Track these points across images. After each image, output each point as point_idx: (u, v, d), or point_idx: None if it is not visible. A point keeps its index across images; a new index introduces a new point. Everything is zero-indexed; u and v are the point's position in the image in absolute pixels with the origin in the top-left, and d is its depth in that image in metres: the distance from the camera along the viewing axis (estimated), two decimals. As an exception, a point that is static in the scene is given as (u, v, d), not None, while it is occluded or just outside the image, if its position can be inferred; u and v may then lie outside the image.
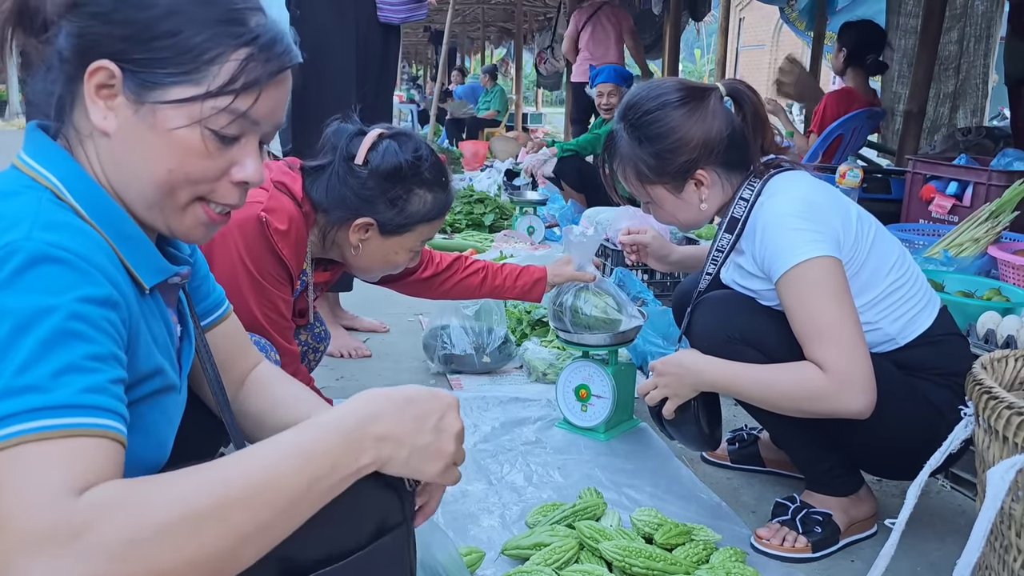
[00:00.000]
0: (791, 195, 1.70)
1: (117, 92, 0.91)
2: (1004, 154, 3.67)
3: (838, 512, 1.83)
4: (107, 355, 0.81)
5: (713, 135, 1.76)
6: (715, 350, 1.76)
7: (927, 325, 1.75)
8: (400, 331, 3.35)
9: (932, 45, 4.44)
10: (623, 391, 2.35)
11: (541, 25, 14.49)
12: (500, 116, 11.56)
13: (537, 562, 1.64)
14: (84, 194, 0.92)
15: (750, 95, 1.81)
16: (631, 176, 1.85)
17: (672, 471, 2.17)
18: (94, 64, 0.90)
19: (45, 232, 0.81)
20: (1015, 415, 1.17)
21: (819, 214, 1.66)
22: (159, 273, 0.99)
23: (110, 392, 0.79)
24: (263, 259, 1.78)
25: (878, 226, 1.79)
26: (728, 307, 1.80)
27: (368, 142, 1.81)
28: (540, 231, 5.14)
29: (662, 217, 1.90)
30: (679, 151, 1.76)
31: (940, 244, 3.06)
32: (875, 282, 1.72)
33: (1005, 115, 8.01)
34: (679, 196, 1.82)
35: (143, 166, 0.94)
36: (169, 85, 0.91)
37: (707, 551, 1.71)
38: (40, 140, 0.94)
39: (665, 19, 8.40)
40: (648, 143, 1.78)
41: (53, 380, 0.75)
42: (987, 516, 1.13)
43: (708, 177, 1.79)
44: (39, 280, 0.78)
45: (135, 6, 0.90)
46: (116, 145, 0.93)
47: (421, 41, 20.76)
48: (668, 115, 1.76)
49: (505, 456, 2.22)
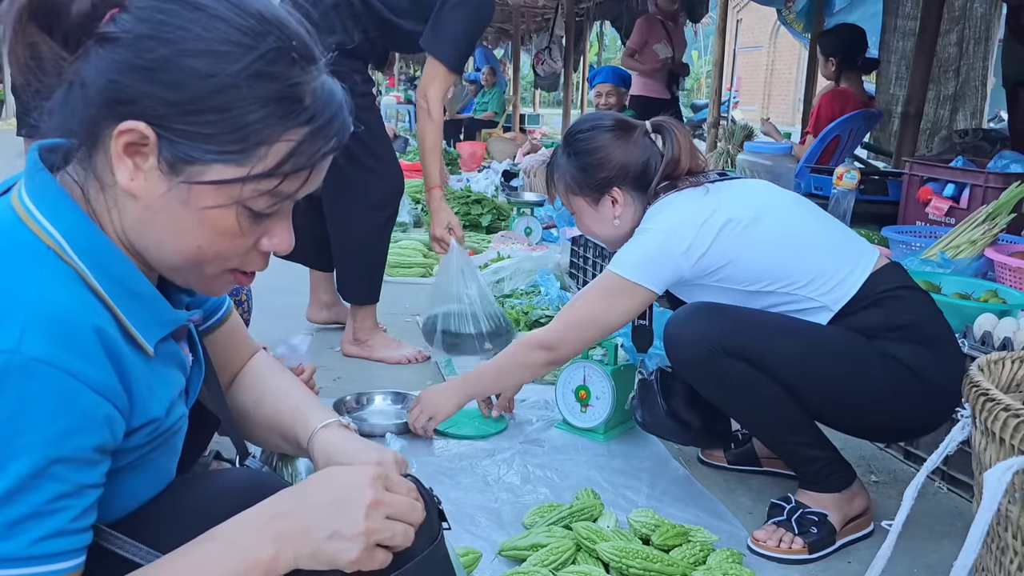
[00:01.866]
0: (653, 223, 1.92)
1: (149, 155, 0.84)
2: (1001, 156, 3.68)
3: (833, 511, 1.83)
4: (77, 489, 0.79)
5: (631, 160, 2.00)
6: (697, 364, 1.83)
7: (857, 286, 1.80)
8: (398, 331, 3.34)
9: (930, 47, 4.45)
10: (622, 392, 2.35)
11: (539, 26, 14.49)
12: (498, 117, 11.55)
13: (534, 563, 1.64)
14: (90, 252, 0.85)
15: (673, 130, 2.02)
16: (560, 187, 2.09)
17: (669, 472, 2.17)
18: (127, 124, 0.82)
19: (37, 338, 0.76)
20: (1012, 417, 1.17)
21: (659, 251, 1.87)
22: (167, 326, 0.94)
23: (69, 531, 0.78)
24: None
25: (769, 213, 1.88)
26: (702, 320, 1.84)
27: None
28: (537, 232, 5.14)
29: (583, 228, 2.13)
30: (599, 167, 2.00)
31: (937, 246, 3.07)
32: (771, 264, 1.83)
33: (1002, 117, 8.04)
34: (596, 209, 2.05)
35: (170, 238, 0.88)
36: (210, 162, 0.84)
37: (704, 552, 1.71)
38: (44, 183, 0.86)
39: (663, 20, 8.39)
40: (576, 157, 2.04)
41: (9, 529, 0.74)
42: (984, 518, 1.14)
43: (623, 197, 2.01)
44: (20, 409, 0.74)
45: (189, 72, 0.81)
46: (141, 209, 0.86)
47: (419, 41, 20.71)
48: (597, 136, 2.02)
49: (502, 456, 2.22)
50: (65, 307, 0.80)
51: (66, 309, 0.80)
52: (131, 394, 0.85)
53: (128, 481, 0.91)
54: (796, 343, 1.77)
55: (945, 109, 6.29)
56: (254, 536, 0.85)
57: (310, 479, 0.93)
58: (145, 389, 0.88)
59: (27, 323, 0.76)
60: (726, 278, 1.86)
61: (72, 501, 0.78)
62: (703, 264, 1.85)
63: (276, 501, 0.89)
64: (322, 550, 0.85)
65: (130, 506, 0.93)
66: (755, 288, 1.85)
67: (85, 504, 0.80)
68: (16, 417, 0.75)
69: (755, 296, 1.85)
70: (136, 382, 0.86)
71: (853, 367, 1.76)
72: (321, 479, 0.93)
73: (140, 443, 0.89)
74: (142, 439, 0.90)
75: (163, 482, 0.98)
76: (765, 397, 1.78)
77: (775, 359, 1.76)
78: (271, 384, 1.23)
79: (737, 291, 1.86)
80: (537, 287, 3.66)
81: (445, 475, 2.11)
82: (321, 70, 0.90)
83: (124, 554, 0.88)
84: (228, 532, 0.86)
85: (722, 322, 1.80)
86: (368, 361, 2.98)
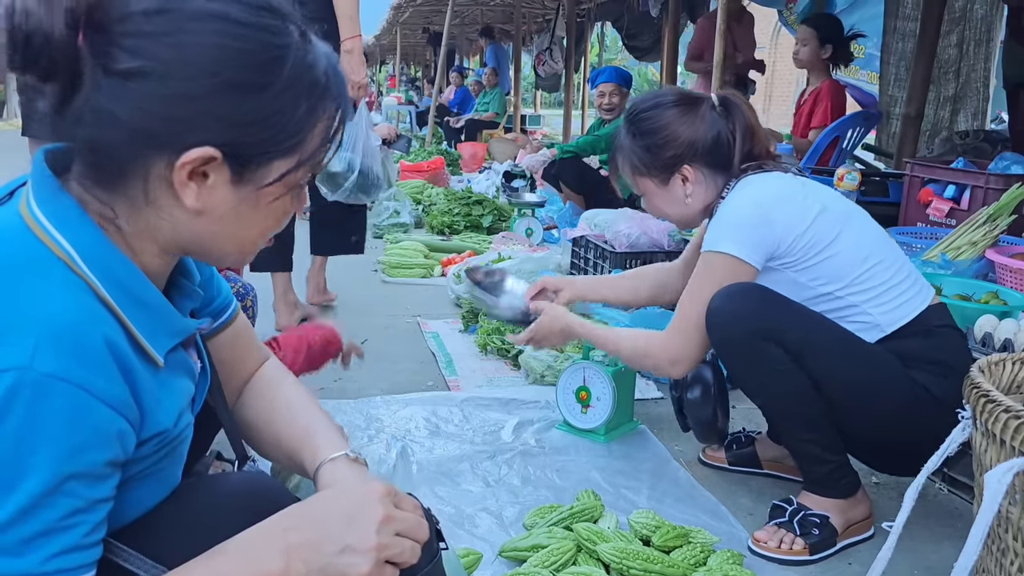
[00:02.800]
0: (746, 194, 1.87)
1: (212, 173, 0.85)
2: (1002, 157, 3.67)
3: (835, 514, 1.83)
4: (90, 505, 0.79)
5: (699, 136, 1.93)
6: (737, 342, 1.79)
7: (915, 314, 1.80)
8: (398, 332, 3.35)
9: (930, 48, 4.45)
10: (623, 393, 2.35)
11: (539, 27, 14.49)
12: (499, 118, 11.55)
13: (535, 564, 1.64)
14: (99, 263, 0.84)
15: (740, 105, 1.96)
16: (626, 168, 2.02)
17: (670, 473, 2.17)
18: (192, 154, 0.82)
19: (50, 353, 0.76)
20: (1012, 419, 1.17)
21: (759, 217, 1.80)
22: (176, 335, 0.94)
23: (82, 547, 0.78)
24: None
25: (856, 219, 1.87)
26: (750, 300, 1.80)
27: None
28: (538, 233, 5.15)
29: (653, 210, 2.07)
30: (667, 146, 1.93)
31: (938, 247, 3.07)
32: (849, 268, 1.80)
33: (1003, 118, 8.03)
34: (665, 189, 1.98)
35: (236, 234, 0.91)
36: (271, 161, 0.87)
37: (704, 553, 1.71)
38: (53, 192, 0.85)
39: (663, 21, 8.41)
40: (641, 137, 1.96)
41: (23, 545, 0.74)
42: (984, 519, 1.14)
43: (693, 174, 1.94)
44: (33, 426, 0.74)
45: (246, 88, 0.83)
46: (207, 222, 0.88)
47: (420, 42, 20.78)
48: (661, 114, 1.95)
49: (503, 457, 2.22)
50: (77, 320, 0.79)
51: (78, 322, 0.79)
52: (141, 406, 0.85)
53: (136, 491, 0.91)
54: (837, 346, 1.76)
55: (945, 110, 6.29)
56: (264, 549, 0.85)
57: (320, 494, 0.93)
58: (153, 401, 0.88)
59: (40, 338, 0.76)
60: (805, 270, 1.81)
61: (85, 516, 0.78)
62: (794, 247, 1.79)
63: (287, 515, 0.89)
64: (333, 564, 0.85)
65: (137, 514, 0.93)
66: (824, 289, 1.80)
67: (97, 519, 0.80)
68: (29, 434, 0.74)
69: (816, 299, 1.81)
70: (146, 394, 0.86)
71: (885, 385, 1.75)
72: (332, 494, 0.93)
73: (149, 453, 0.89)
74: (151, 449, 0.89)
75: (169, 489, 0.98)
76: (794, 389, 1.76)
77: (813, 355, 1.75)
78: (281, 397, 1.19)
79: (802, 286, 1.81)
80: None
81: (446, 476, 2.11)
82: (314, 44, 0.91)
83: (131, 568, 0.88)
84: (238, 545, 0.86)
85: (771, 306, 1.78)
86: (369, 364, 2.98)
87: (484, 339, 3.14)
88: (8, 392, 0.74)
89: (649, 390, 2.76)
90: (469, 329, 3.36)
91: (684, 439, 2.41)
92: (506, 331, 3.03)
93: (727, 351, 1.85)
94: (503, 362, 3.04)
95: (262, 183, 0.88)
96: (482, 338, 3.15)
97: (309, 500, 0.92)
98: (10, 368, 0.74)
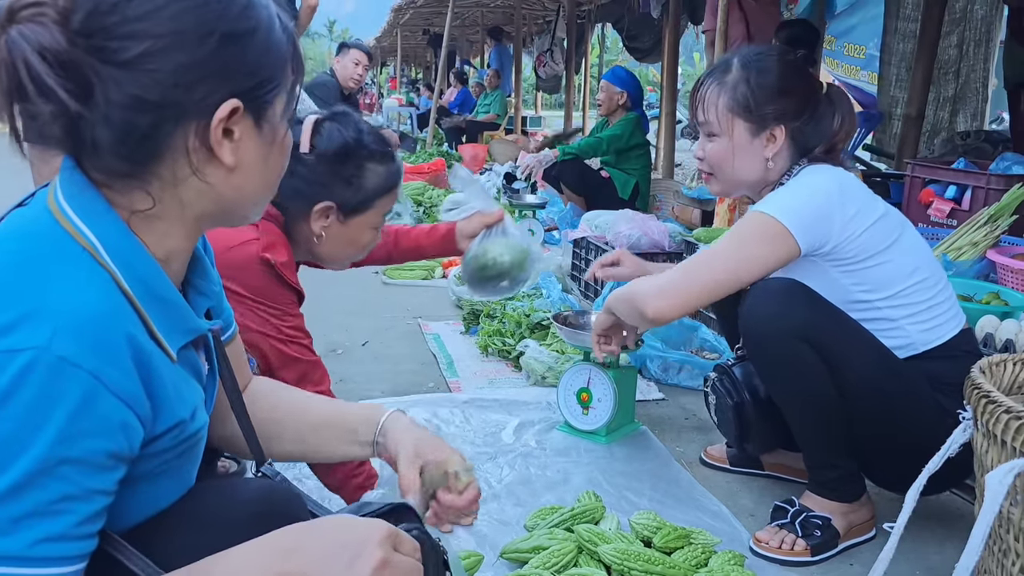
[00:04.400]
0: (816, 180, 1.81)
1: (235, 126, 0.89)
2: (1003, 158, 3.67)
3: (837, 516, 1.83)
4: (84, 493, 0.78)
5: (807, 103, 1.87)
6: (771, 338, 1.76)
7: (948, 337, 1.79)
8: (399, 334, 3.36)
9: (930, 49, 4.45)
10: (624, 395, 2.35)
11: (540, 28, 14.50)
12: (499, 119, 11.55)
13: (536, 565, 1.64)
14: (122, 256, 0.86)
15: (847, 99, 1.92)
16: (723, 101, 1.88)
17: (671, 475, 2.17)
18: (224, 109, 0.87)
19: (68, 339, 0.77)
20: (1013, 419, 1.17)
21: (824, 205, 1.74)
22: (189, 333, 0.96)
23: (72, 536, 0.78)
24: (276, 295, 1.77)
25: (910, 234, 1.84)
26: (793, 299, 1.77)
27: (308, 129, 1.79)
28: (539, 234, 5.14)
29: (719, 156, 1.91)
30: (782, 96, 1.85)
31: (939, 248, 3.07)
32: (895, 280, 1.78)
33: (1004, 119, 8.03)
34: (750, 141, 1.87)
35: (262, 182, 0.96)
36: (275, 97, 0.93)
37: (706, 554, 1.71)
38: (80, 187, 0.88)
39: (664, 23, 8.40)
40: (759, 75, 1.86)
41: (12, 524, 0.74)
42: (985, 520, 1.14)
43: (782, 139, 1.86)
44: (39, 405, 0.76)
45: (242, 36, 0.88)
46: (238, 176, 0.92)
47: (420, 44, 20.79)
48: (786, 67, 1.88)
49: (504, 459, 2.22)
50: (98, 311, 0.81)
51: (99, 313, 0.81)
52: (156, 400, 0.86)
53: (152, 487, 0.92)
54: (872, 358, 1.75)
55: (945, 111, 6.29)
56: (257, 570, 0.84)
57: (323, 522, 0.92)
58: (172, 391, 0.89)
59: (59, 324, 0.78)
60: (850, 272, 1.77)
61: (77, 505, 0.78)
62: (846, 247, 1.75)
63: (289, 534, 0.88)
64: None
65: (151, 512, 0.93)
66: (864, 297, 1.78)
67: (91, 510, 0.80)
68: (36, 413, 0.75)
69: (851, 304, 1.78)
70: (163, 385, 0.87)
71: (913, 404, 1.74)
72: (334, 526, 0.91)
73: (166, 447, 0.90)
74: (168, 443, 0.90)
75: (184, 489, 0.99)
76: (819, 392, 1.74)
77: (847, 363, 1.73)
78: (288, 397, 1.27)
79: (842, 287, 1.78)
80: (539, 289, 3.67)
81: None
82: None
83: (130, 566, 0.88)
84: (232, 561, 0.85)
85: (810, 307, 1.75)
86: (370, 365, 2.99)
87: (485, 341, 3.14)
88: (23, 369, 0.75)
89: (650, 391, 2.76)
90: (470, 331, 3.36)
91: (685, 440, 2.42)
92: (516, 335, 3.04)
93: (760, 346, 1.80)
94: (504, 363, 3.05)
95: (275, 120, 0.93)
96: (483, 340, 3.15)
97: (310, 524, 0.91)
98: (28, 348, 0.76)
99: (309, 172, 1.78)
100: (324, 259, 1.93)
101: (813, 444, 1.86)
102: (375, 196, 1.84)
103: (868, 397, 1.74)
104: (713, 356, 2.96)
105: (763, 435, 2.00)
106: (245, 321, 1.71)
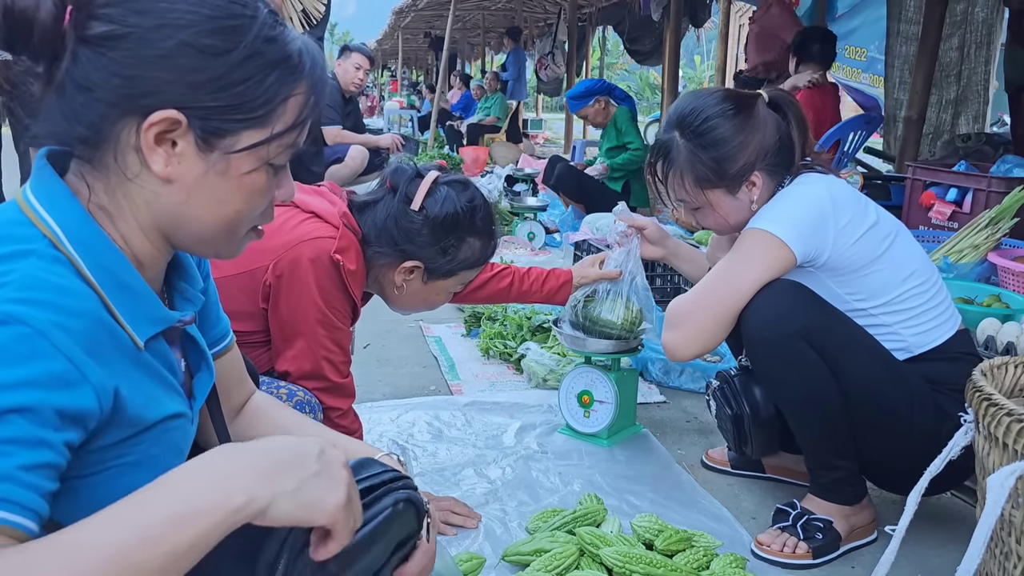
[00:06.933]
0: (806, 191, 1.81)
1: (179, 139, 0.88)
2: (1004, 160, 3.68)
3: (839, 519, 1.83)
4: (32, 441, 0.75)
5: (767, 140, 1.86)
6: (775, 340, 1.76)
7: (944, 339, 1.80)
8: (400, 337, 3.36)
9: (932, 51, 4.45)
10: (626, 397, 2.35)
11: (541, 31, 14.53)
12: (500, 122, 11.57)
13: (537, 568, 1.64)
14: (84, 243, 0.87)
15: (791, 101, 1.92)
16: (689, 182, 1.89)
17: (673, 477, 2.17)
18: (158, 115, 0.85)
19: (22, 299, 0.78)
20: (1015, 422, 1.18)
21: (817, 215, 1.76)
22: (158, 323, 0.95)
23: (15, 478, 0.74)
24: (334, 297, 1.77)
25: (902, 237, 1.84)
26: (797, 300, 1.77)
27: (425, 187, 1.78)
28: (540, 237, 5.15)
29: (712, 221, 1.95)
30: (738, 157, 1.84)
31: (940, 250, 3.07)
32: (889, 287, 1.78)
33: (1005, 121, 8.02)
34: (734, 198, 1.89)
35: (210, 210, 0.93)
36: (240, 131, 0.90)
37: (707, 557, 1.71)
38: (47, 179, 0.89)
39: (665, 25, 8.41)
40: (706, 150, 1.85)
41: None
42: (987, 523, 1.14)
43: (761, 179, 1.87)
44: None
45: (209, 51, 0.86)
46: (178, 193, 0.90)
47: (421, 47, 20.80)
48: (724, 123, 1.85)
49: (506, 461, 2.22)
50: (55, 284, 0.82)
51: (55, 286, 0.82)
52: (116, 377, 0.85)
53: (130, 479, 0.89)
54: (875, 361, 1.75)
55: (947, 113, 6.29)
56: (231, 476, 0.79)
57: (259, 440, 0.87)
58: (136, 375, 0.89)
59: (16, 288, 0.79)
60: (844, 281, 1.78)
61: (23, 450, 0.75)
62: (840, 256, 1.76)
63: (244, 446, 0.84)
64: (306, 491, 0.80)
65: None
66: (859, 305, 1.79)
67: (38, 459, 0.76)
68: None
69: (849, 313, 1.79)
70: (124, 366, 0.87)
71: (915, 406, 1.74)
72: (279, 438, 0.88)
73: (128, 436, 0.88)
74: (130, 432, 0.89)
75: None
76: (821, 394, 1.74)
77: (851, 365, 1.73)
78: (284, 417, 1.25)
79: (837, 296, 1.79)
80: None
81: (449, 480, 2.11)
82: (288, 28, 0.95)
83: None
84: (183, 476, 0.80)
85: (812, 309, 1.75)
86: (371, 367, 2.99)
87: (486, 343, 3.14)
88: None
89: (652, 394, 2.76)
90: (471, 333, 3.36)
91: (687, 443, 2.41)
92: (517, 336, 3.04)
93: (762, 346, 1.80)
94: (505, 366, 3.05)
95: (230, 149, 0.90)
96: (484, 342, 3.15)
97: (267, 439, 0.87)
98: None
99: (411, 227, 1.78)
100: (392, 304, 1.96)
101: (815, 445, 1.86)
102: (464, 268, 1.85)
103: (869, 398, 1.74)
104: (715, 359, 2.96)
105: (761, 444, 1.99)
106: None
